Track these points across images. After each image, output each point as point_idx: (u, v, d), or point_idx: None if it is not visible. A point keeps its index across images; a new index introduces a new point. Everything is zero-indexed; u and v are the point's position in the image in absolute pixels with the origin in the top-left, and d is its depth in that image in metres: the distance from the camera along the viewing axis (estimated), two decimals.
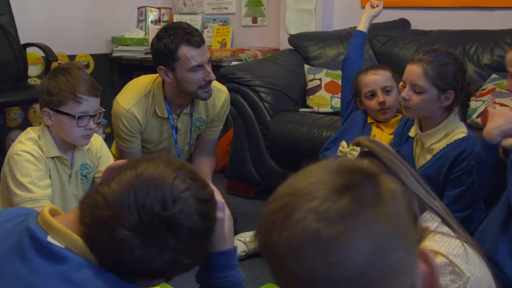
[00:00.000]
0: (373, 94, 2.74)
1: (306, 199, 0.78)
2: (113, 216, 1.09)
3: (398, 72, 3.68)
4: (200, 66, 2.69)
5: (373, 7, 2.96)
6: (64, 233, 1.12)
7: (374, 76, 2.75)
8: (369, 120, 2.80)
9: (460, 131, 2.28)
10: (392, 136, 2.70)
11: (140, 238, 1.09)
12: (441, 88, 2.24)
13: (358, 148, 1.49)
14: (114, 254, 1.10)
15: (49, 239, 1.11)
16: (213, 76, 2.73)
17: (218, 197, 1.26)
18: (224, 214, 1.28)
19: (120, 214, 1.09)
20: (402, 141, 2.52)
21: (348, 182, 0.79)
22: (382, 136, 2.73)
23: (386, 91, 2.73)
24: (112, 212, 1.09)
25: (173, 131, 2.88)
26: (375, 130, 2.75)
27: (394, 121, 2.77)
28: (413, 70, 2.28)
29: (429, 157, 2.32)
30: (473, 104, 3.15)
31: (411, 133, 2.46)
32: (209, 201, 1.18)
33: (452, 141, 2.26)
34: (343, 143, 1.57)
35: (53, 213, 1.20)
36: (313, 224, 0.76)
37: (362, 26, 2.94)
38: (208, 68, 2.73)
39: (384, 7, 2.99)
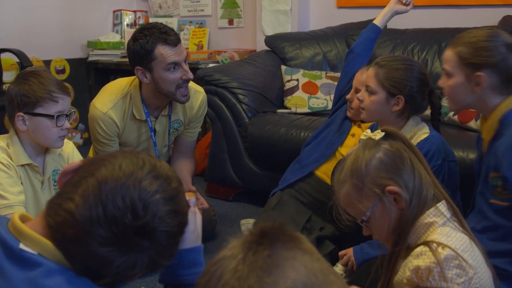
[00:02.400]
0: (357, 91, 2.73)
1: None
2: (84, 233, 1.07)
3: None
4: (177, 65, 2.68)
5: (402, 3, 2.80)
6: (35, 239, 1.10)
7: (365, 74, 2.75)
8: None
9: (422, 132, 2.29)
10: (355, 135, 2.72)
11: (118, 250, 1.08)
12: (389, 91, 2.27)
13: (383, 132, 1.57)
14: (95, 266, 1.09)
15: (21, 246, 1.09)
16: (191, 75, 2.72)
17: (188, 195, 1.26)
18: (194, 212, 1.29)
19: (91, 230, 1.07)
20: None
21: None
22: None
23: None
24: (82, 229, 1.07)
25: (152, 133, 2.87)
26: (355, 129, 2.75)
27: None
28: (368, 72, 2.34)
29: None
30: None
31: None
32: (176, 195, 1.16)
33: (416, 144, 2.26)
34: (367, 130, 1.68)
35: (23, 219, 1.18)
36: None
37: (380, 21, 2.82)
38: (186, 67, 2.71)
39: (360, 7, 2.96)
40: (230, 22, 4.97)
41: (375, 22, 2.81)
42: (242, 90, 3.60)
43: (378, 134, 1.62)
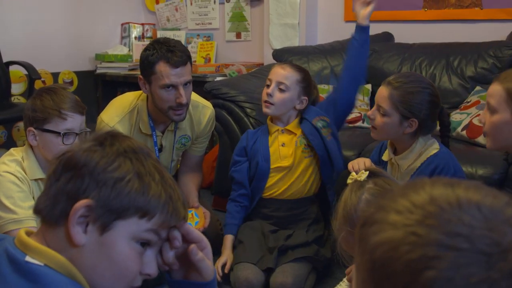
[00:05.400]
0: (268, 85, 2.72)
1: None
2: None
3: None
4: (173, 87, 2.67)
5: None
6: (41, 251, 1.10)
7: (278, 68, 2.73)
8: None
9: (433, 148, 2.27)
10: (285, 144, 2.72)
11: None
12: (403, 115, 2.24)
13: (367, 172, 1.61)
14: None
15: (27, 258, 1.09)
16: (184, 100, 2.67)
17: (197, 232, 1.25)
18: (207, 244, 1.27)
19: None
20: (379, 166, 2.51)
21: None
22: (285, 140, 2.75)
23: (280, 88, 2.68)
24: None
25: (156, 147, 2.86)
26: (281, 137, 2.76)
27: (292, 125, 2.76)
28: (381, 92, 2.30)
29: (407, 178, 2.31)
30: (458, 117, 3.17)
31: (385, 157, 2.45)
32: None
33: (425, 159, 2.25)
34: (352, 173, 1.73)
35: (29, 234, 1.18)
36: None
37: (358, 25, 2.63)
38: (182, 91, 2.66)
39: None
40: (238, 35, 4.98)
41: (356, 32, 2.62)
42: (249, 103, 3.59)
43: (363, 175, 1.67)
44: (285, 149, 2.72)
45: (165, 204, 1.12)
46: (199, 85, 3.78)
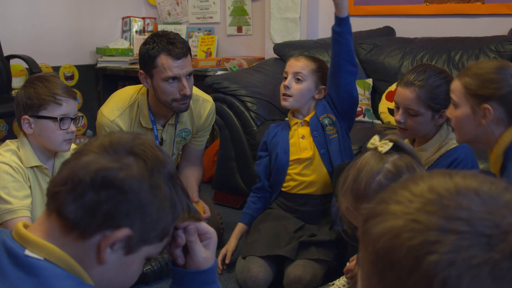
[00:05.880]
0: (285, 78, 2.73)
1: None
2: None
3: (384, 79, 3.71)
4: (175, 79, 2.67)
5: None
6: (41, 245, 1.10)
7: (293, 60, 2.75)
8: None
9: (453, 142, 2.27)
10: (305, 136, 2.70)
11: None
12: (435, 109, 2.25)
13: (391, 144, 1.53)
14: None
15: (27, 252, 1.09)
16: (188, 91, 2.68)
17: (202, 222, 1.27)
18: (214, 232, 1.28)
19: None
20: None
21: None
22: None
23: (297, 78, 2.69)
24: None
25: (157, 141, 2.86)
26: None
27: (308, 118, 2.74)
28: (406, 95, 2.26)
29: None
30: None
31: None
32: None
33: (445, 152, 2.25)
34: (375, 137, 1.63)
35: (27, 227, 1.17)
36: None
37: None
38: (185, 82, 2.68)
39: (369, 15, 2.93)
40: (239, 29, 4.97)
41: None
42: (250, 98, 3.59)
43: (386, 146, 1.60)
44: (305, 141, 2.71)
45: (178, 218, 1.17)
46: (200, 79, 3.78)
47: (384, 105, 3.54)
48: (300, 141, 2.71)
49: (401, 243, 0.68)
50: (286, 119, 2.86)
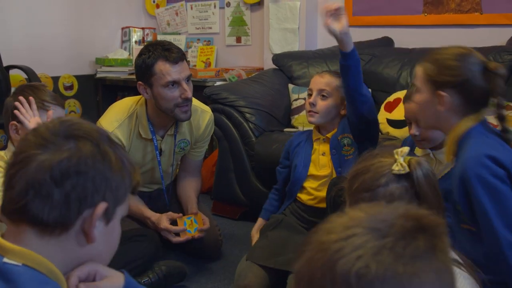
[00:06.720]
0: (310, 94, 2.75)
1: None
2: None
3: (382, 90, 3.70)
4: (176, 83, 2.68)
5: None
6: (18, 251, 1.11)
7: (317, 77, 2.77)
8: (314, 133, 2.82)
9: None
10: (325, 153, 2.71)
11: None
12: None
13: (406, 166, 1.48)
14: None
15: (5, 260, 1.10)
16: (189, 94, 2.70)
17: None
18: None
19: None
20: None
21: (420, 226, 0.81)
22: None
23: (322, 95, 2.70)
24: None
25: (157, 152, 2.86)
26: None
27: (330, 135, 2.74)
28: (413, 110, 2.22)
29: (439, 168, 2.27)
30: None
31: (418, 152, 2.39)
32: None
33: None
34: (405, 148, 1.52)
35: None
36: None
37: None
38: (185, 85, 2.70)
39: (368, 26, 2.90)
40: (238, 40, 4.98)
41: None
42: (249, 108, 3.59)
43: (401, 170, 1.49)
44: (324, 158, 2.72)
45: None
46: (199, 89, 3.78)
47: (383, 115, 3.53)
48: (320, 158, 2.73)
49: (314, 266, 0.78)
50: (311, 128, 2.88)
